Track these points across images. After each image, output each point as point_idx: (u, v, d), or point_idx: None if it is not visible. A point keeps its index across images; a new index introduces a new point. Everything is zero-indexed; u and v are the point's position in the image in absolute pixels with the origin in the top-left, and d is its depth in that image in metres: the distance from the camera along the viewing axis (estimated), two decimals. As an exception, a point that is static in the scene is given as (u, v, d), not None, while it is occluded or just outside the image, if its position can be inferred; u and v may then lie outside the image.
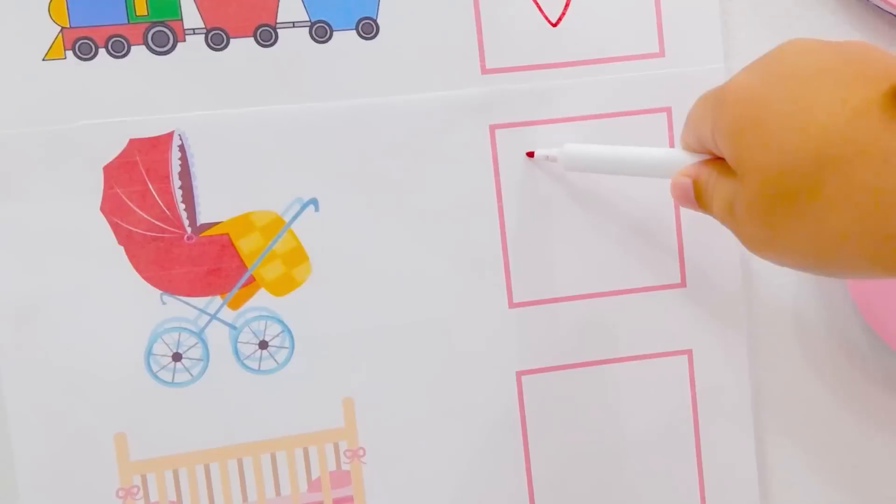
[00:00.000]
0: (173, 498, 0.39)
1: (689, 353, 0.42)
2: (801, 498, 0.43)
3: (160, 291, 0.38)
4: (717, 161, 0.31)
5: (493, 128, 0.40)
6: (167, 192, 0.38)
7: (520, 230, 0.40)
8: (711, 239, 0.42)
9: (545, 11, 0.40)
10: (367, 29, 0.39)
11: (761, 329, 0.42)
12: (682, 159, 0.33)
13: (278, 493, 0.40)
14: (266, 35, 0.39)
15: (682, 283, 0.42)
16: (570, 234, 0.41)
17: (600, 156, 0.37)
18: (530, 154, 0.40)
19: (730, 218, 0.30)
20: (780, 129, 0.27)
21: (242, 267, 0.39)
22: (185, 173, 0.38)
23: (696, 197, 0.32)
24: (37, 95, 0.37)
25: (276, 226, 0.39)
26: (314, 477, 0.40)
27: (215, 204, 0.39)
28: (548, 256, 0.41)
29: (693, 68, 0.41)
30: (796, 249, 0.28)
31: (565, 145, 0.38)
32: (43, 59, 0.37)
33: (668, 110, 0.41)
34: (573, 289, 0.41)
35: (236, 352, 0.39)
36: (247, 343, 0.39)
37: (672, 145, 0.41)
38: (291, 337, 0.39)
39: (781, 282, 0.42)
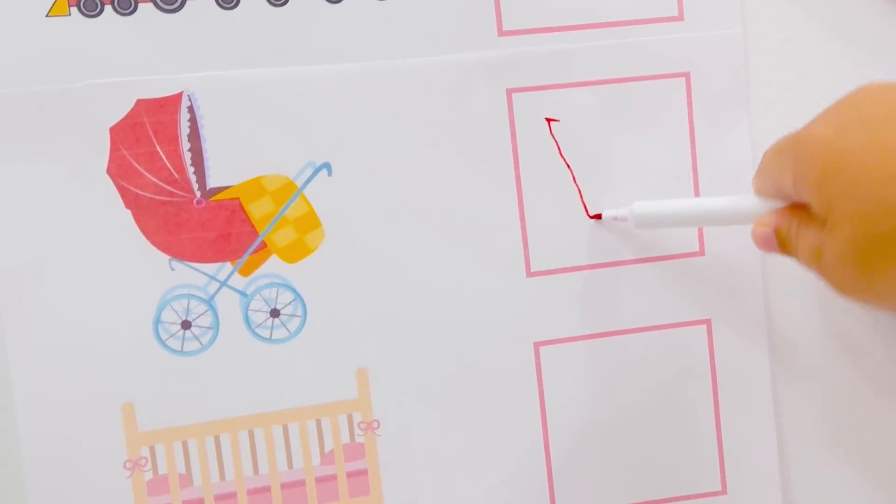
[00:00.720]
0: (182, 470, 0.38)
1: (707, 322, 0.41)
2: (821, 468, 0.42)
3: (168, 257, 0.37)
4: (797, 209, 0.31)
5: (509, 91, 0.39)
6: (176, 155, 0.37)
7: (537, 197, 0.40)
8: (730, 207, 0.41)
9: (564, -29, 0.39)
10: (381, -11, 0.38)
11: (780, 297, 0.42)
12: (759, 207, 0.33)
13: (290, 465, 0.38)
14: (277, -5, 0.38)
15: (701, 252, 0.41)
16: (589, 202, 0.40)
17: (672, 211, 0.36)
18: (597, 216, 0.39)
19: (817, 265, 0.30)
20: (869, 178, 0.27)
21: (253, 232, 0.38)
22: (195, 135, 0.37)
23: (780, 245, 0.32)
24: (40, 53, 0.36)
25: (288, 190, 0.38)
26: (327, 449, 0.39)
27: (225, 167, 0.37)
28: (566, 224, 0.40)
29: (712, 33, 0.40)
30: (891, 294, 0.28)
31: (634, 205, 0.37)
32: (46, 16, 0.36)
33: (687, 75, 0.40)
34: (591, 257, 0.40)
35: (247, 320, 0.38)
36: (258, 311, 0.38)
37: (690, 112, 0.41)
38: (304, 305, 0.38)
39: (800, 250, 0.42)
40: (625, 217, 0.38)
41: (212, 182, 0.37)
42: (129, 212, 0.37)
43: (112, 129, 0.37)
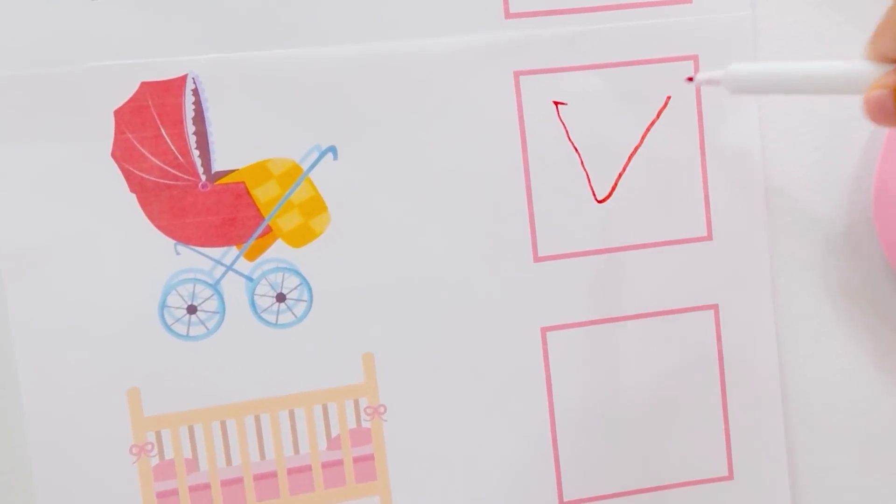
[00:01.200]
0: (188, 455, 0.37)
1: (715, 307, 0.41)
2: (828, 454, 0.42)
3: (174, 241, 0.37)
4: None
5: (517, 74, 0.39)
6: (181, 138, 0.37)
7: (545, 181, 0.39)
8: (738, 191, 0.41)
9: (573, -48, 0.39)
10: (387, -29, 0.38)
11: (788, 283, 0.42)
12: (873, 71, 0.30)
13: (297, 451, 0.38)
14: (282, -24, 0.37)
15: (709, 237, 0.41)
16: (596, 186, 0.40)
17: (773, 74, 0.33)
18: (690, 79, 0.38)
19: None
20: None
21: (259, 217, 0.38)
22: (200, 118, 0.37)
23: None
24: (43, 35, 0.36)
25: (294, 174, 0.38)
26: (334, 434, 0.39)
27: (231, 151, 0.37)
28: (573, 209, 0.40)
29: (720, 15, 0.40)
30: None
31: (731, 65, 0.35)
32: (50, -3, 0.36)
33: (696, 58, 0.40)
34: (599, 242, 0.40)
35: (253, 304, 0.38)
36: (264, 296, 0.38)
37: (699, 95, 0.40)
38: (310, 289, 0.38)
39: (809, 235, 0.41)
40: (718, 80, 0.36)
41: (217, 166, 0.37)
42: (133, 196, 0.37)
43: (116, 113, 0.36)
